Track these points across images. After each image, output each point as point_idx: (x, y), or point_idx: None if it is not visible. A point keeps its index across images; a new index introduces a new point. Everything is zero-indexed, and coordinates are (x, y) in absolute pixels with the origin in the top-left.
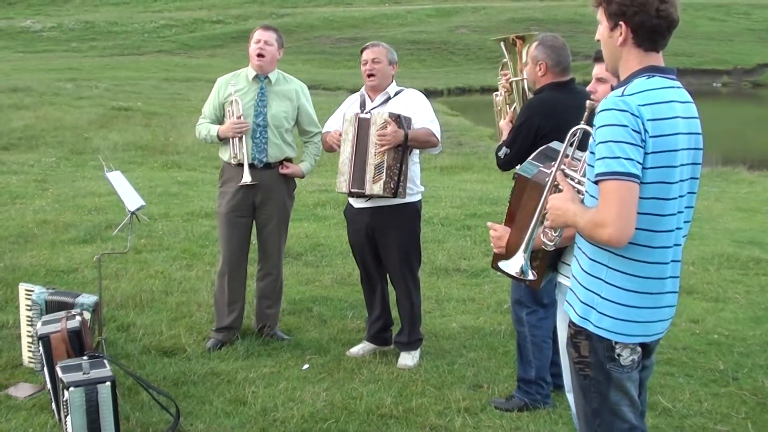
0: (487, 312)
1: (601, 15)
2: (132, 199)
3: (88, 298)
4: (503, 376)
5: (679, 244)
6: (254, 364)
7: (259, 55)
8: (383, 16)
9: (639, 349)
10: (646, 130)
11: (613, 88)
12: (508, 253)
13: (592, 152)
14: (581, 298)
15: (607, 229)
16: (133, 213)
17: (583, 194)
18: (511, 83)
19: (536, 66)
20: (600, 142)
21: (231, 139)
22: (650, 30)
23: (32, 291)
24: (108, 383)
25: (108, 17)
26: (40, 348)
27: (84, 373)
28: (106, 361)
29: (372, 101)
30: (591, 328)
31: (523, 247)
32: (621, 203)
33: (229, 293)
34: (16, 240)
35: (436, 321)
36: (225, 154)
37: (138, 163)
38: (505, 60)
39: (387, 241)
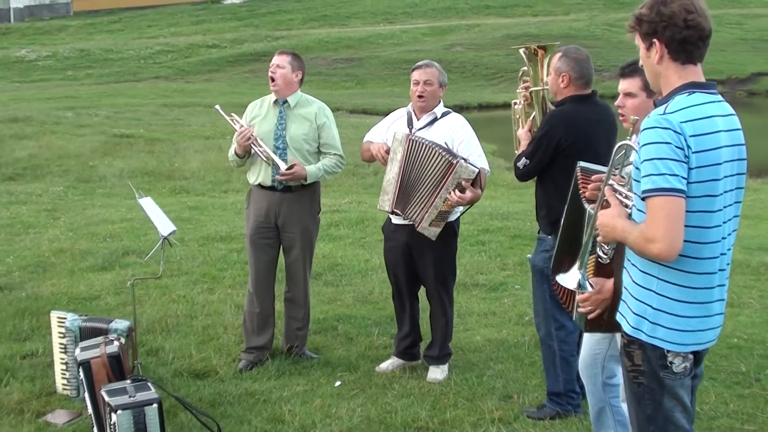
0: (509, 324)
1: (637, 40)
2: (164, 224)
3: (121, 324)
4: (532, 386)
5: (725, 254)
6: (287, 383)
7: (271, 79)
8: (378, 36)
9: (691, 356)
10: (689, 146)
11: (655, 105)
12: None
13: (637, 168)
14: (633, 309)
15: (657, 244)
16: (165, 238)
17: (630, 209)
18: (531, 92)
19: (559, 77)
20: (645, 160)
21: (257, 151)
22: (682, 41)
23: (65, 318)
24: (155, 405)
25: (103, 45)
26: (80, 373)
27: (130, 396)
28: (149, 384)
29: (418, 120)
30: (644, 338)
31: (578, 263)
32: (669, 218)
33: (259, 313)
34: (34, 269)
35: (460, 335)
36: (251, 177)
37: (146, 190)
38: (525, 69)
39: (424, 260)
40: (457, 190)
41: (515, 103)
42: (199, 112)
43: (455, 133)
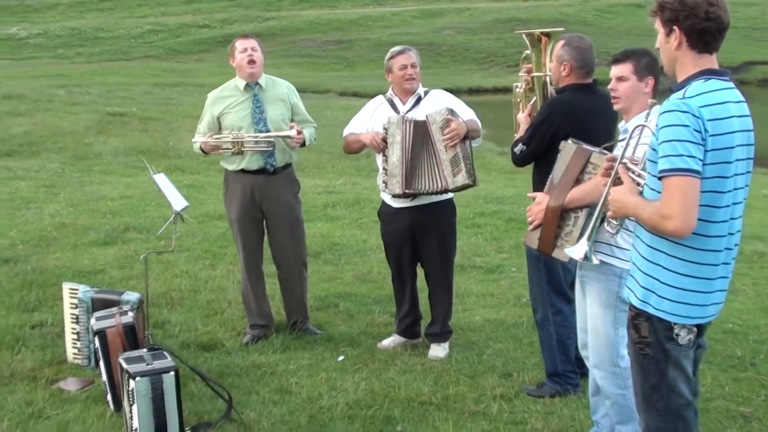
0: (507, 306)
1: (657, 24)
2: (177, 200)
3: (132, 296)
4: (531, 365)
5: (733, 234)
6: (292, 357)
7: (251, 62)
8: (368, 18)
9: (695, 329)
10: (706, 130)
11: (671, 90)
12: (547, 217)
13: (654, 149)
14: (641, 283)
15: (673, 221)
16: (177, 213)
17: (642, 187)
18: (533, 77)
19: (561, 65)
20: (664, 141)
21: (250, 149)
22: (701, 32)
23: (77, 290)
24: (172, 373)
25: (94, 23)
26: (96, 342)
27: (147, 364)
28: (166, 353)
29: (404, 104)
30: (651, 311)
31: (587, 234)
32: (685, 197)
33: (254, 294)
34: (37, 243)
35: (459, 315)
36: (231, 164)
37: (141, 168)
38: (527, 53)
39: (427, 239)
40: (444, 131)
41: (516, 87)
42: (191, 92)
43: (443, 104)
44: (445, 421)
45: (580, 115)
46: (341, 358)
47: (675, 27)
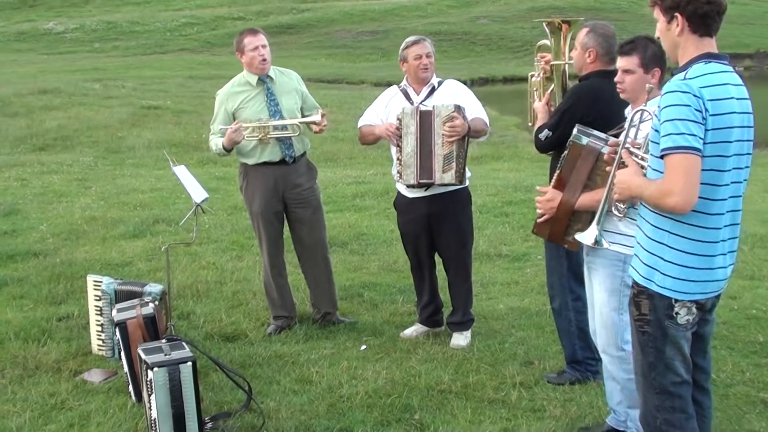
0: (532, 294)
1: (657, 13)
2: (197, 192)
3: (155, 287)
4: (552, 353)
5: (735, 212)
6: (314, 347)
7: (263, 60)
8: (403, 8)
9: (694, 310)
10: (706, 109)
11: (672, 74)
12: (555, 219)
13: (656, 130)
14: (645, 261)
15: (674, 197)
16: (198, 205)
17: (646, 169)
18: (552, 66)
19: (585, 52)
20: (665, 121)
21: (275, 136)
22: (703, 16)
23: (101, 282)
24: (189, 363)
25: (129, 17)
26: (117, 333)
27: (165, 354)
28: (184, 344)
29: (417, 94)
30: (654, 288)
31: (596, 219)
32: (686, 174)
33: (276, 285)
34: (68, 236)
35: (483, 303)
36: (251, 158)
37: (174, 161)
38: (541, 42)
39: (444, 228)
40: (445, 125)
41: (532, 76)
42: (224, 84)
43: (456, 96)
44: (463, 409)
45: (605, 101)
46: (364, 347)
47: (677, 14)
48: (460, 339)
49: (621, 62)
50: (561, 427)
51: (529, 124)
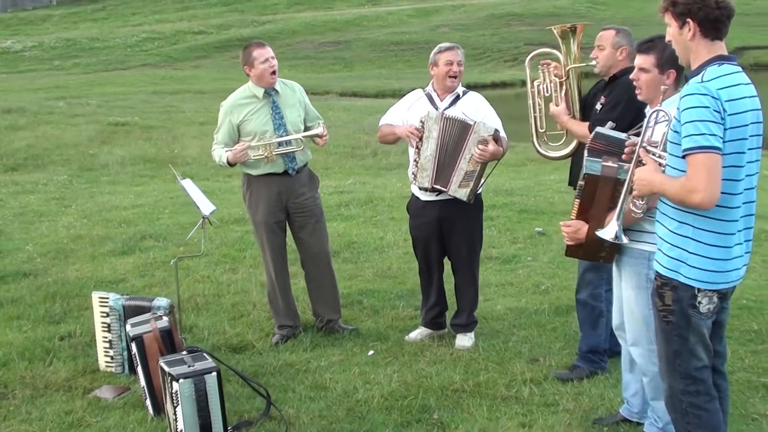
0: (527, 294)
1: (669, 18)
2: (205, 204)
3: (163, 301)
4: (556, 350)
5: (749, 203)
6: (322, 354)
7: (273, 73)
8: (364, 18)
9: (715, 299)
10: (724, 110)
11: (686, 78)
12: (586, 243)
13: (676, 131)
14: (669, 254)
15: (699, 194)
16: (206, 217)
17: (663, 167)
18: (569, 70)
19: (617, 51)
20: (687, 122)
21: (282, 152)
22: (714, 21)
23: (107, 298)
24: (214, 373)
25: (88, 34)
26: (134, 348)
27: (189, 366)
28: (205, 354)
29: (441, 100)
30: (681, 279)
31: (615, 215)
32: (710, 172)
33: (281, 294)
34: (55, 255)
35: (481, 305)
36: (255, 169)
37: (150, 176)
38: (541, 51)
39: (455, 232)
40: (479, 145)
41: (538, 83)
42: (191, 98)
43: (479, 110)
44: (479, 407)
45: None
46: (371, 352)
47: (689, 19)
48: (465, 340)
49: (638, 60)
50: (575, 420)
51: (541, 130)
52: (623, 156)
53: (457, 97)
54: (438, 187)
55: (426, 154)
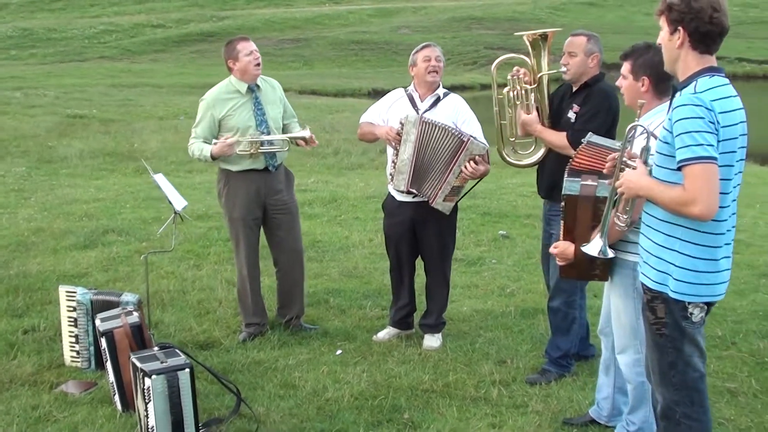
0: (493, 296)
1: (663, 22)
2: (177, 200)
3: (131, 297)
4: (523, 352)
5: (733, 214)
6: (291, 352)
7: (258, 65)
8: (325, 17)
9: (706, 307)
10: (718, 122)
11: (674, 87)
12: (577, 263)
13: (666, 143)
14: (656, 267)
15: (698, 205)
16: (177, 213)
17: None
18: (540, 77)
19: (589, 58)
20: (681, 133)
21: (264, 150)
22: (704, 34)
23: (74, 292)
24: (187, 370)
25: (46, 24)
26: (103, 343)
27: (161, 362)
28: (177, 351)
29: (422, 101)
30: (669, 293)
31: (599, 230)
32: (708, 183)
33: (252, 292)
34: (16, 248)
35: (447, 306)
36: (235, 165)
37: (110, 170)
38: (509, 57)
39: (428, 233)
40: (471, 162)
41: (508, 91)
42: (149, 92)
43: (459, 113)
44: (448, 407)
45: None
46: (339, 351)
47: (680, 27)
48: (433, 341)
49: (623, 68)
50: (545, 421)
51: (511, 138)
52: (604, 170)
53: (438, 99)
54: (413, 190)
55: (403, 157)
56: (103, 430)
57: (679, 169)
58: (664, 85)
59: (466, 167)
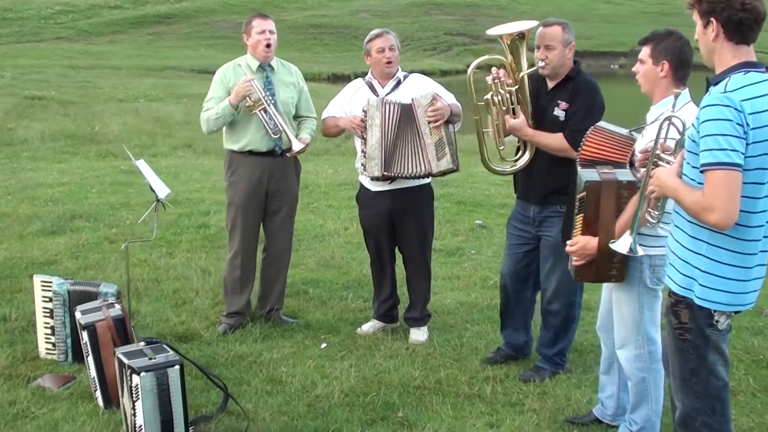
0: (476, 288)
1: (695, 15)
2: (160, 187)
3: (110, 287)
4: None
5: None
6: (274, 345)
7: (268, 46)
8: (283, 0)
9: (733, 314)
10: (747, 123)
11: (708, 81)
12: (597, 260)
13: (694, 141)
14: (682, 271)
15: (715, 213)
16: (160, 200)
17: (679, 176)
18: (522, 77)
19: (567, 48)
20: (707, 135)
21: (260, 116)
22: (738, 23)
23: (50, 282)
24: (177, 367)
25: (0, 3)
26: (85, 337)
27: (150, 358)
28: (164, 346)
29: (383, 87)
30: (693, 298)
31: (629, 226)
32: (728, 191)
33: (242, 277)
34: None
35: (431, 298)
36: (236, 143)
37: (72, 153)
38: (485, 60)
39: (406, 223)
40: (429, 111)
41: (493, 95)
42: (107, 74)
43: (423, 90)
44: (443, 404)
45: None
46: (324, 345)
47: (712, 19)
48: (419, 334)
49: (640, 53)
50: (543, 420)
51: (501, 147)
52: (636, 164)
53: (399, 82)
54: (388, 174)
55: (372, 142)
56: (85, 428)
57: (702, 172)
58: (683, 71)
59: (428, 117)
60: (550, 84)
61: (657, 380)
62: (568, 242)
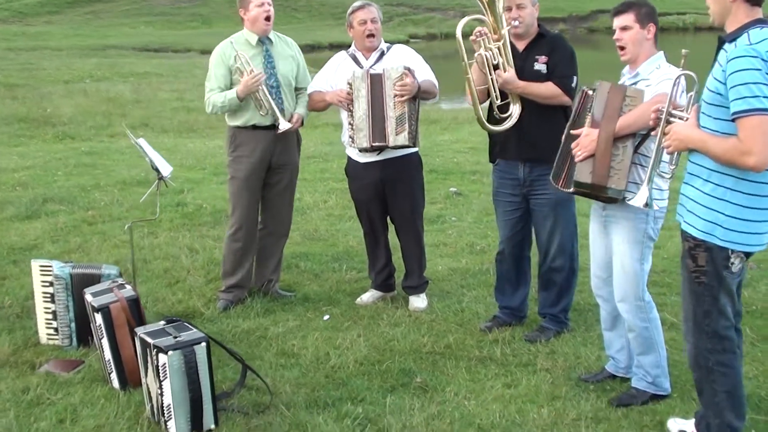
0: (464, 254)
1: None
2: (163, 165)
3: (112, 269)
4: None
5: None
6: (278, 320)
7: (268, 18)
8: None
9: (745, 258)
10: None
11: (720, 39)
12: (600, 148)
13: (719, 93)
14: (704, 217)
15: (753, 157)
16: (163, 178)
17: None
18: (503, 33)
19: (534, 7)
20: (738, 84)
21: (254, 97)
22: None
23: (50, 266)
24: (203, 344)
25: None
26: (99, 319)
27: (174, 337)
28: (186, 324)
29: (366, 59)
30: (716, 241)
31: (646, 181)
32: (764, 135)
33: (244, 250)
34: None
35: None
36: (239, 119)
37: (28, 137)
38: (469, 21)
39: (397, 192)
40: (396, 86)
41: (479, 55)
42: (49, 55)
43: (405, 61)
44: (457, 368)
45: None
46: (327, 317)
47: None
48: (418, 301)
49: (617, 21)
50: (558, 378)
51: (498, 102)
52: (650, 122)
53: (382, 54)
54: (377, 144)
55: (359, 114)
56: (107, 411)
57: (733, 120)
58: (658, 34)
59: (395, 91)
60: (521, 45)
61: (658, 327)
62: (576, 141)
